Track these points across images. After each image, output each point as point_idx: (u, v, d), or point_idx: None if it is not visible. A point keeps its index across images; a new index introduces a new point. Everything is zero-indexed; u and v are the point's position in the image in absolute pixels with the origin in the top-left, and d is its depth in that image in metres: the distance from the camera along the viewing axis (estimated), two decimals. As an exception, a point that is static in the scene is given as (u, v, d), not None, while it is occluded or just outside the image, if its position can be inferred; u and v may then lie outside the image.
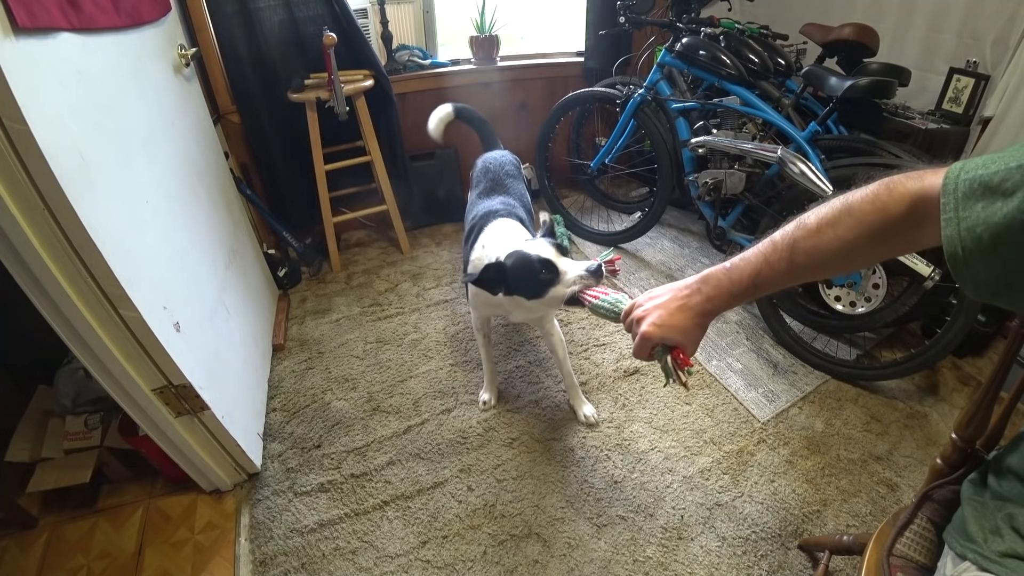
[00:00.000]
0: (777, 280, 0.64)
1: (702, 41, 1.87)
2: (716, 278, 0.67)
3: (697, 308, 0.68)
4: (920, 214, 0.53)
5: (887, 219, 0.55)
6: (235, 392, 1.41)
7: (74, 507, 1.35)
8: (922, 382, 1.71)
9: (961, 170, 0.49)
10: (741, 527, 1.28)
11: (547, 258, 1.14)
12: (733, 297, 0.67)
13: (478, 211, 1.50)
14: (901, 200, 0.54)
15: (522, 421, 1.56)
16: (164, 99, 1.35)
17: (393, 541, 1.26)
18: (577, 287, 1.09)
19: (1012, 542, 0.58)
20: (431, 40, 2.57)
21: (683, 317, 0.69)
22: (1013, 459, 0.64)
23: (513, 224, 1.43)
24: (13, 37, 0.78)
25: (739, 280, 0.65)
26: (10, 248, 0.86)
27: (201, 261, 1.37)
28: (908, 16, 1.98)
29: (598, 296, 1.00)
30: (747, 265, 0.65)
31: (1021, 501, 0.60)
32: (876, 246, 0.58)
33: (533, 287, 1.15)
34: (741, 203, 1.92)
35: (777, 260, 0.62)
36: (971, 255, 0.47)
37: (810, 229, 0.60)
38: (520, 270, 1.17)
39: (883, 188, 0.56)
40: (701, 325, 0.70)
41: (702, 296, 0.68)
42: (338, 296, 2.12)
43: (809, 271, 0.62)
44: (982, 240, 0.46)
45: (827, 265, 0.61)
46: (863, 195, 0.57)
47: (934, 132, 1.80)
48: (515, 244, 1.25)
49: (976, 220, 0.46)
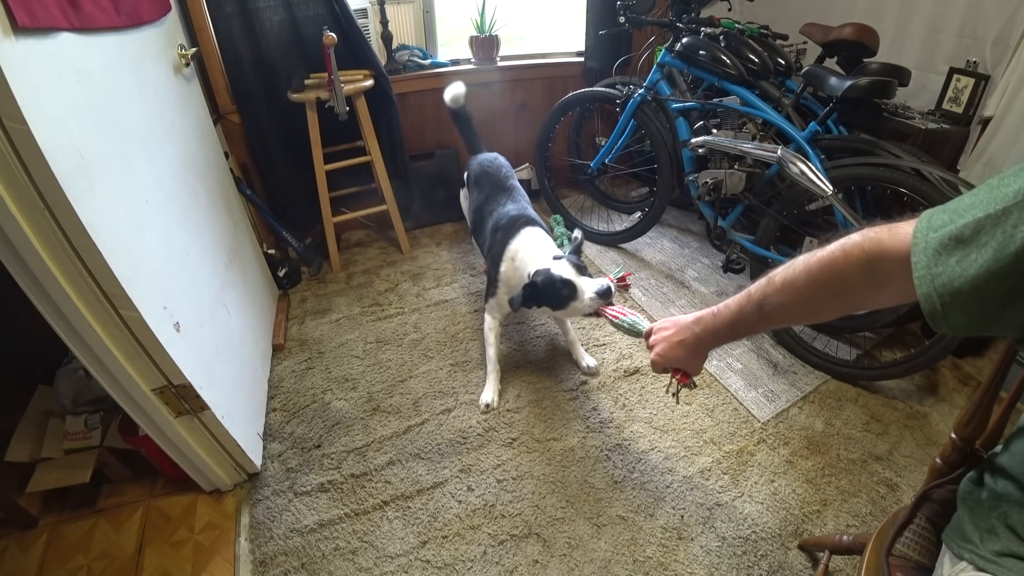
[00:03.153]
0: (752, 328, 0.74)
1: (702, 41, 1.87)
2: (705, 322, 0.80)
3: (689, 345, 0.83)
4: (880, 277, 0.56)
5: (843, 280, 0.59)
6: (235, 392, 1.41)
7: (74, 507, 1.35)
8: (922, 382, 1.71)
9: (929, 228, 0.50)
10: (741, 527, 1.28)
11: (568, 279, 1.37)
12: (718, 339, 0.79)
13: (498, 218, 1.66)
14: (856, 262, 0.57)
15: (522, 421, 1.56)
16: (164, 99, 1.35)
17: (393, 541, 1.26)
18: (592, 307, 1.33)
19: (1008, 541, 0.58)
20: (431, 40, 2.57)
21: (680, 351, 0.85)
22: (1006, 459, 0.64)
23: (538, 234, 1.59)
24: (13, 37, 0.78)
25: (721, 326, 0.77)
26: (10, 248, 0.86)
27: (201, 261, 1.37)
28: (908, 16, 1.98)
29: (617, 316, 1.23)
30: (728, 313, 0.75)
31: (1016, 500, 0.60)
32: (837, 303, 0.62)
33: (557, 302, 1.39)
34: (741, 203, 1.92)
35: (750, 312, 0.71)
36: (949, 308, 0.48)
37: (776, 287, 0.66)
38: (548, 288, 1.39)
39: (838, 249, 0.58)
40: (696, 357, 0.85)
41: (694, 336, 0.82)
42: (338, 296, 2.12)
43: (777, 322, 0.71)
44: (961, 292, 0.47)
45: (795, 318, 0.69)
46: (820, 257, 0.61)
47: (934, 132, 1.80)
48: (542, 259, 1.46)
49: (952, 275, 0.47)
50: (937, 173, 1.43)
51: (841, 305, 0.63)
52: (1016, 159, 1.65)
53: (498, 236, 1.61)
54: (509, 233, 1.58)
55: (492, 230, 1.65)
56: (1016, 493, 0.60)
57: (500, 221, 1.64)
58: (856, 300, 0.61)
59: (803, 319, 0.71)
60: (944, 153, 1.82)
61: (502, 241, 1.58)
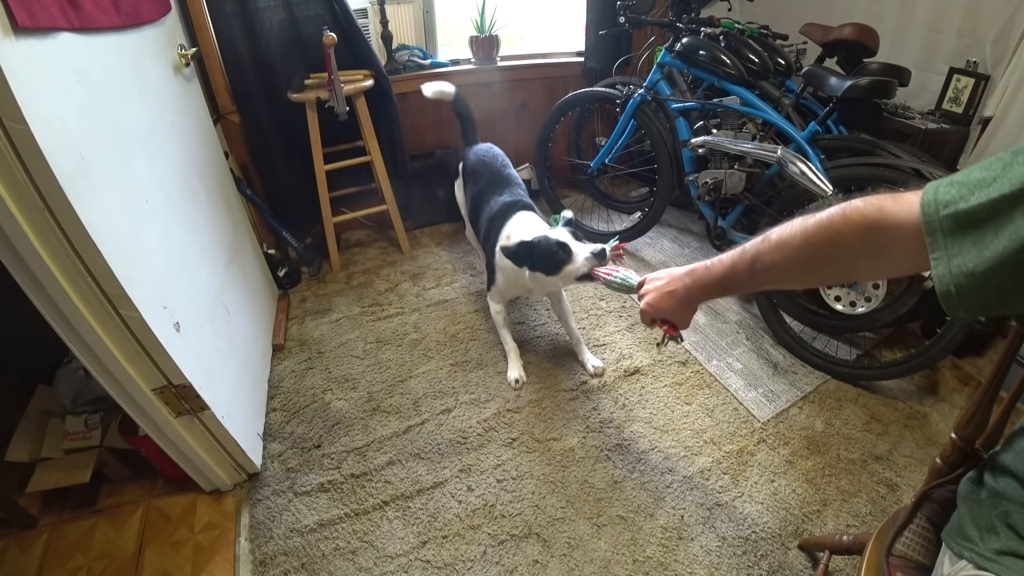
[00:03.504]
0: (741, 285, 0.72)
1: (702, 41, 1.87)
2: (697, 274, 0.79)
3: (679, 296, 0.82)
4: (877, 246, 0.54)
5: (839, 244, 0.57)
6: (235, 392, 1.41)
7: (74, 507, 1.35)
8: (922, 382, 1.71)
9: (938, 203, 0.49)
10: (741, 527, 1.28)
11: (564, 241, 1.42)
12: (708, 292, 0.79)
13: (494, 205, 1.70)
14: (855, 226, 0.55)
15: (522, 421, 1.56)
16: (164, 99, 1.35)
17: (393, 541, 1.26)
18: (586, 267, 1.36)
19: (1008, 539, 0.58)
20: (431, 40, 2.57)
21: (671, 302, 0.83)
22: (1007, 457, 0.64)
23: (533, 216, 1.64)
24: (13, 37, 0.78)
25: (712, 279, 0.76)
26: (10, 248, 0.86)
27: (201, 261, 1.37)
28: (908, 16, 1.98)
29: (610, 273, 1.23)
30: (720, 267, 0.74)
31: (1016, 498, 0.60)
32: (830, 268, 0.62)
33: (551, 264, 1.42)
34: (741, 203, 1.92)
35: (742, 268, 0.70)
36: (964, 291, 0.47)
37: (771, 245, 0.65)
38: (543, 249, 1.43)
39: (838, 213, 0.57)
40: (686, 309, 0.84)
41: (684, 287, 0.81)
42: (338, 296, 2.12)
43: (767, 282, 0.70)
44: (975, 275, 0.46)
45: (783, 279, 0.68)
46: (818, 219, 0.59)
47: (934, 132, 1.79)
48: (539, 231, 1.50)
49: (968, 257, 0.46)
50: (937, 173, 1.43)
51: (833, 271, 0.62)
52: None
53: (495, 222, 1.66)
54: (505, 217, 1.63)
55: (488, 218, 1.70)
56: (1018, 491, 0.60)
57: (495, 208, 1.68)
58: (849, 267, 0.60)
59: (793, 281, 0.69)
60: (944, 153, 1.82)
61: (498, 226, 1.63)
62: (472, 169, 1.87)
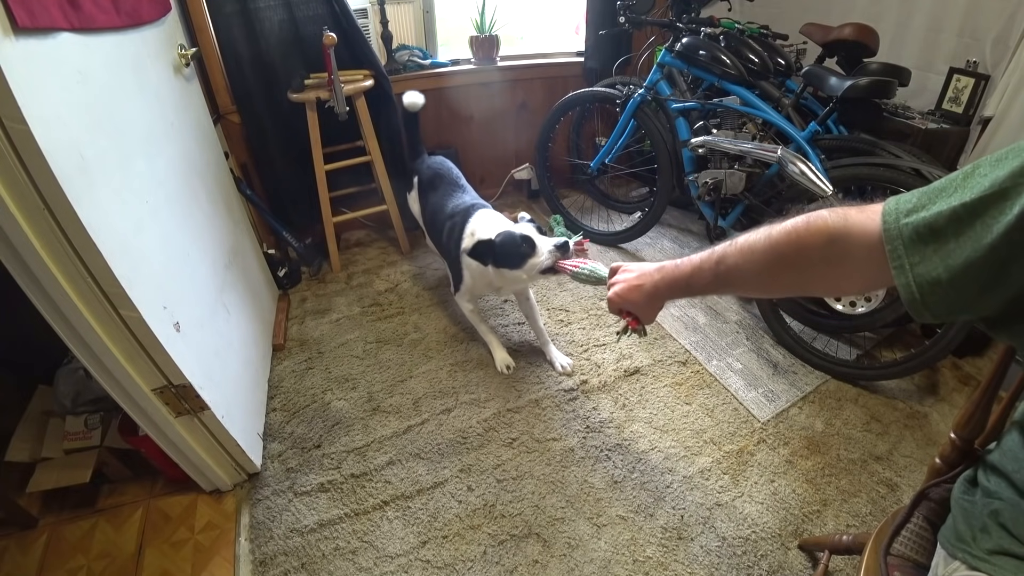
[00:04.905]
0: (705, 286, 0.72)
1: (702, 41, 1.87)
2: (666, 271, 0.78)
3: (647, 291, 0.81)
4: (837, 254, 0.55)
5: (801, 251, 0.58)
6: (235, 392, 1.41)
7: (74, 507, 1.35)
8: (922, 382, 1.71)
9: (898, 213, 0.49)
10: (741, 527, 1.28)
11: (527, 234, 1.44)
12: (673, 290, 0.78)
13: (455, 206, 1.73)
14: (817, 234, 0.55)
15: (522, 421, 1.56)
16: (164, 99, 1.35)
17: (393, 541, 1.26)
18: (550, 259, 1.39)
19: (1000, 539, 0.58)
20: (431, 40, 2.57)
21: (637, 295, 0.83)
22: (997, 456, 0.64)
23: (492, 213, 1.65)
24: (13, 37, 0.78)
25: (680, 277, 0.76)
26: (10, 248, 0.86)
27: (201, 261, 1.37)
28: (908, 16, 1.98)
29: (578, 265, 1.24)
30: (688, 266, 0.74)
31: (1006, 498, 0.60)
32: (791, 276, 0.61)
33: (516, 257, 1.43)
34: (741, 203, 1.92)
35: (708, 269, 0.70)
36: (928, 296, 0.48)
37: (736, 248, 0.65)
38: (506, 245, 1.45)
39: (802, 221, 0.57)
40: (652, 304, 0.84)
41: (652, 283, 0.81)
42: (338, 296, 2.12)
43: (730, 286, 0.70)
44: (940, 283, 0.46)
45: (745, 284, 0.67)
46: (784, 225, 0.59)
47: (934, 132, 1.79)
48: (502, 226, 1.51)
49: (931, 265, 0.47)
50: (937, 173, 1.43)
51: (794, 280, 0.62)
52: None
53: (456, 222, 1.68)
54: (465, 217, 1.65)
55: (449, 219, 1.72)
56: (1007, 490, 0.60)
57: (457, 209, 1.71)
58: (809, 276, 0.60)
59: (754, 286, 0.69)
60: (944, 153, 1.82)
61: (460, 225, 1.65)
62: (429, 180, 1.90)
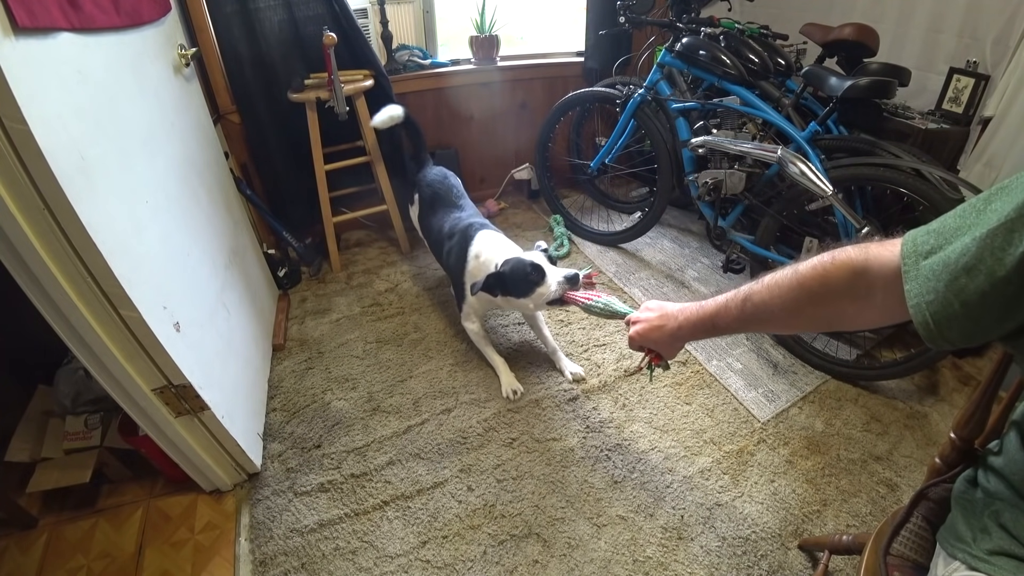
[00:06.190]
0: (730, 325, 0.74)
1: (702, 41, 1.87)
2: (689, 311, 0.80)
3: (668, 332, 0.84)
4: (863, 289, 0.56)
5: (827, 285, 0.59)
6: (235, 392, 1.41)
7: (74, 507, 1.35)
8: (922, 382, 1.71)
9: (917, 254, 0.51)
10: (741, 527, 1.28)
11: (538, 264, 1.43)
12: (697, 331, 0.80)
13: (454, 225, 1.71)
14: (843, 268, 0.57)
15: (522, 421, 1.56)
16: (164, 99, 1.35)
17: (393, 541, 1.26)
18: (559, 290, 1.38)
19: (999, 539, 0.58)
20: (431, 40, 2.57)
21: (658, 336, 0.86)
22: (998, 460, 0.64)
23: (496, 234, 1.65)
24: (13, 37, 0.78)
25: (704, 318, 0.77)
26: (10, 248, 0.86)
27: (201, 261, 1.37)
28: (908, 16, 1.98)
29: (590, 298, 1.25)
30: (713, 306, 0.75)
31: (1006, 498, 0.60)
32: (817, 311, 0.63)
33: (524, 287, 1.44)
34: (741, 203, 1.92)
35: (734, 307, 0.72)
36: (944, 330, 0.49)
37: (763, 285, 0.67)
38: (515, 274, 1.44)
39: (828, 256, 0.60)
40: (673, 344, 0.87)
41: (675, 324, 0.82)
42: (338, 296, 2.12)
43: (757, 324, 0.71)
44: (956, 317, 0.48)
45: (772, 319, 0.69)
46: (810, 262, 0.61)
47: (934, 132, 1.79)
48: (510, 252, 1.51)
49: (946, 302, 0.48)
50: (937, 173, 1.43)
51: (819, 314, 0.63)
52: (1016, 159, 1.65)
53: (456, 242, 1.67)
54: (466, 236, 1.64)
55: (449, 237, 1.71)
56: (1006, 491, 0.61)
57: (456, 228, 1.70)
58: (835, 312, 0.61)
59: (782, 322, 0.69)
60: (944, 153, 1.82)
61: (461, 245, 1.64)
62: (427, 195, 1.88)
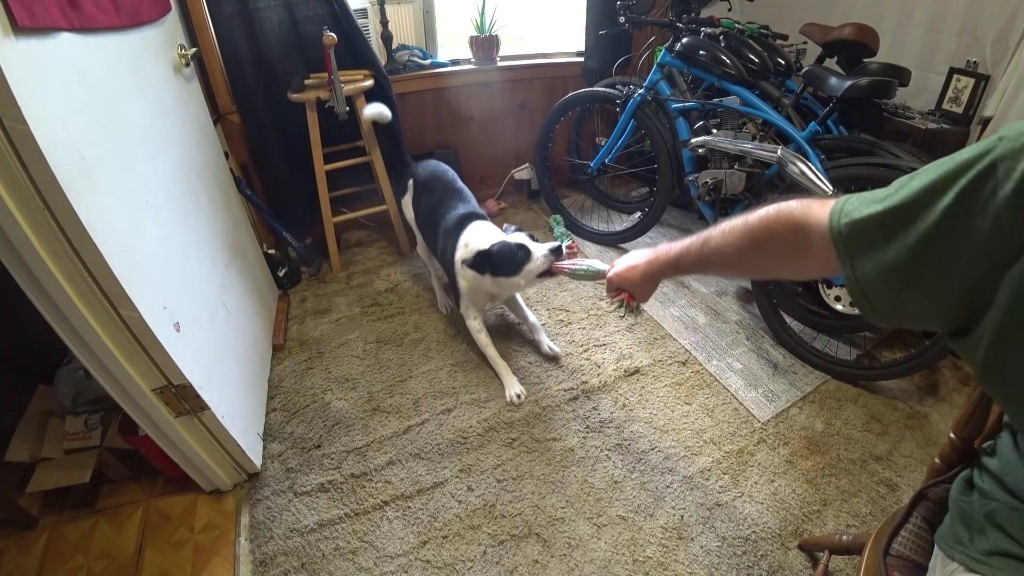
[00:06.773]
0: (692, 266, 0.81)
1: (702, 41, 1.87)
2: (660, 252, 0.89)
3: (640, 271, 0.94)
4: (801, 244, 0.59)
5: (771, 237, 0.63)
6: (235, 392, 1.41)
7: (74, 507, 1.35)
8: (922, 382, 1.71)
9: (841, 213, 0.53)
10: (741, 527, 1.28)
11: (523, 243, 1.50)
12: (665, 269, 0.88)
13: (450, 217, 1.73)
14: (786, 223, 0.61)
15: (522, 421, 1.56)
16: (164, 99, 1.35)
17: (393, 541, 1.26)
18: (545, 263, 1.46)
19: (996, 539, 0.59)
20: (431, 40, 2.57)
21: (633, 275, 0.95)
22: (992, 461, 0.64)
23: (487, 225, 1.68)
24: (13, 37, 0.78)
25: (671, 258, 0.84)
26: (10, 248, 0.86)
27: (201, 261, 1.37)
28: (908, 16, 1.98)
29: (575, 263, 1.31)
30: (679, 247, 0.82)
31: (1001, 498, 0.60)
32: (762, 258, 0.68)
33: (512, 265, 1.49)
34: (741, 203, 1.92)
35: (694, 250, 0.78)
36: (867, 291, 0.51)
37: (720, 231, 0.72)
38: (502, 253, 1.50)
39: (774, 209, 0.63)
40: (647, 283, 0.95)
41: (647, 262, 0.92)
42: (338, 296, 2.12)
43: (712, 266, 0.77)
44: (872, 280, 0.50)
45: (723, 263, 0.74)
46: (759, 213, 0.65)
47: (934, 132, 1.79)
48: (496, 237, 1.56)
49: (865, 264, 0.51)
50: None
51: (764, 262, 0.68)
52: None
53: (450, 234, 1.68)
54: (459, 228, 1.67)
55: (444, 232, 1.71)
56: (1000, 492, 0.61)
57: (450, 221, 1.71)
58: (778, 260, 0.66)
59: (732, 267, 0.75)
60: (944, 153, 1.78)
61: (453, 237, 1.66)
62: (424, 184, 1.87)
